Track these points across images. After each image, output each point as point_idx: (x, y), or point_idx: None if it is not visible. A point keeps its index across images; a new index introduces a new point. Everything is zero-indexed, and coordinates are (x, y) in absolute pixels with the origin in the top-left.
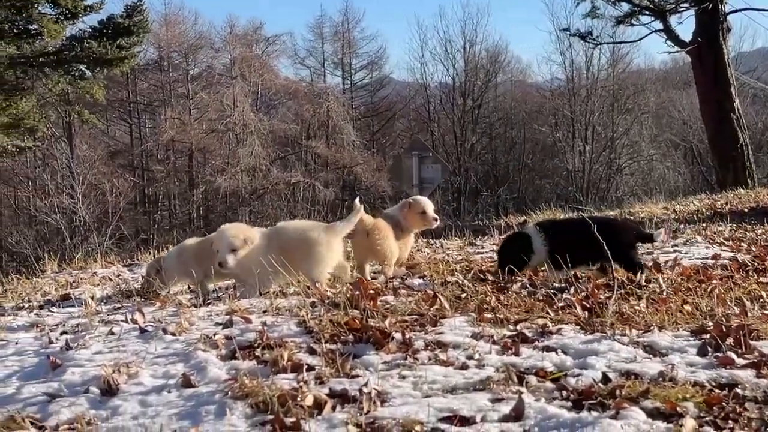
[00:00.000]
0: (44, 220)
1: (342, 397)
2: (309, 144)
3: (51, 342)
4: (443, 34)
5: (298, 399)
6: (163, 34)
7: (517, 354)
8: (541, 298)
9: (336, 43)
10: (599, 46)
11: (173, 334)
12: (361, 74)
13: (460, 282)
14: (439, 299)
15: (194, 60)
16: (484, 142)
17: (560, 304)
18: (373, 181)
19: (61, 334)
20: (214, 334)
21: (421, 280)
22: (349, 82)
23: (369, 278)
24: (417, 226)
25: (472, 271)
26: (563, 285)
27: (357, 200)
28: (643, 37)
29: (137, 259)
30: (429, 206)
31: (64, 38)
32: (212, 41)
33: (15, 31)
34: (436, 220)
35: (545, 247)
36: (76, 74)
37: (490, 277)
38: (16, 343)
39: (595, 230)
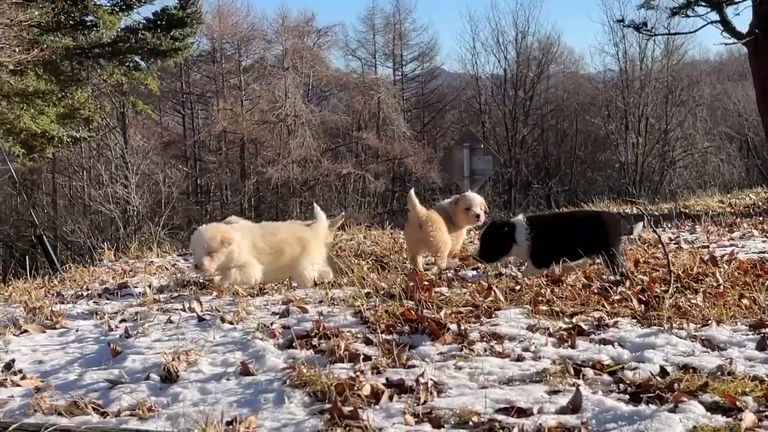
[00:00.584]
0: (98, 210)
1: (399, 387)
2: (360, 135)
3: (111, 329)
4: (495, 25)
5: (356, 388)
6: (216, 25)
7: (573, 346)
8: (596, 291)
9: (387, 35)
10: (653, 37)
11: (231, 323)
12: (412, 65)
13: (514, 274)
14: (494, 291)
15: (246, 51)
16: (536, 134)
17: (616, 297)
18: (424, 173)
19: (121, 321)
20: (271, 323)
21: (474, 272)
22: (399, 74)
23: (422, 270)
24: (462, 222)
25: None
26: (618, 278)
27: (412, 191)
28: (699, 29)
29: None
30: (475, 203)
31: (119, 29)
32: (264, 33)
33: (71, 22)
34: (479, 218)
35: (527, 242)
36: (131, 65)
37: (545, 270)
38: (77, 331)
39: (584, 225)
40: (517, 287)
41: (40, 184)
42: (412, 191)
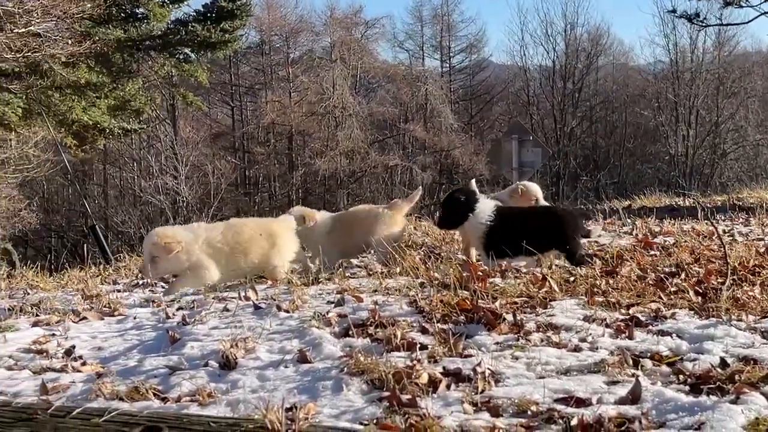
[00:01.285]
0: (148, 201)
1: (456, 376)
2: (407, 127)
3: (168, 317)
4: (544, 16)
5: (413, 377)
6: (264, 17)
7: (630, 337)
8: (651, 282)
9: (435, 26)
10: (705, 28)
11: (287, 311)
12: (460, 57)
13: (568, 265)
14: (548, 282)
15: (295, 43)
16: (584, 126)
17: (672, 289)
18: (471, 164)
19: (177, 309)
20: (327, 312)
21: (525, 263)
22: (447, 65)
23: (474, 261)
24: None
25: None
26: (674, 269)
27: (473, 182)
28: (753, 19)
29: None
30: (540, 194)
31: (170, 22)
32: (312, 25)
33: (122, 14)
34: None
35: (483, 225)
36: (181, 57)
37: (598, 262)
38: (135, 318)
39: (543, 220)
40: (571, 278)
41: (91, 175)
42: (473, 182)
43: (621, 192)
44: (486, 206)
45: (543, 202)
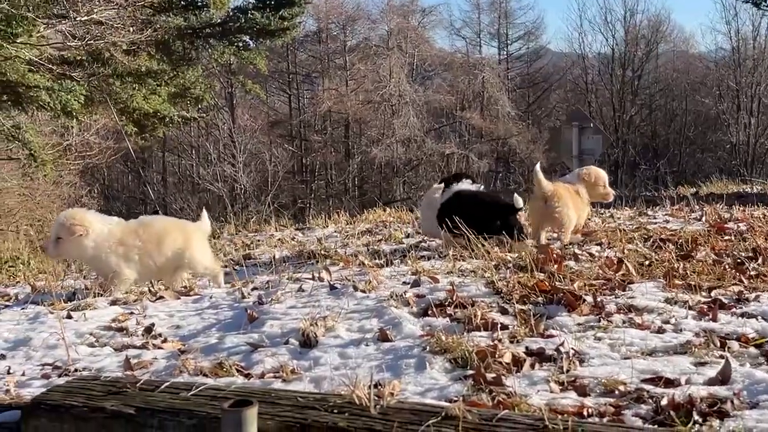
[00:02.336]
0: (207, 188)
1: (539, 356)
2: (463, 115)
3: (243, 297)
4: (603, 3)
5: (496, 356)
6: (322, 5)
7: (714, 320)
8: (729, 266)
9: (492, 14)
10: None
11: (363, 291)
12: (518, 45)
13: (640, 249)
14: (625, 264)
15: (352, 31)
16: (644, 114)
17: (752, 273)
18: (528, 153)
19: (252, 290)
20: (404, 293)
21: (598, 248)
22: (504, 53)
23: (543, 242)
24: (593, 197)
25: (651, 239)
26: (750, 254)
27: (537, 166)
28: None
29: (308, 223)
30: (606, 179)
31: (229, 9)
32: (369, 13)
33: (183, 2)
34: (610, 194)
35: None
36: (240, 45)
37: (671, 246)
38: (211, 298)
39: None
40: (646, 262)
41: (150, 162)
42: (538, 166)
43: (680, 181)
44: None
45: (609, 188)
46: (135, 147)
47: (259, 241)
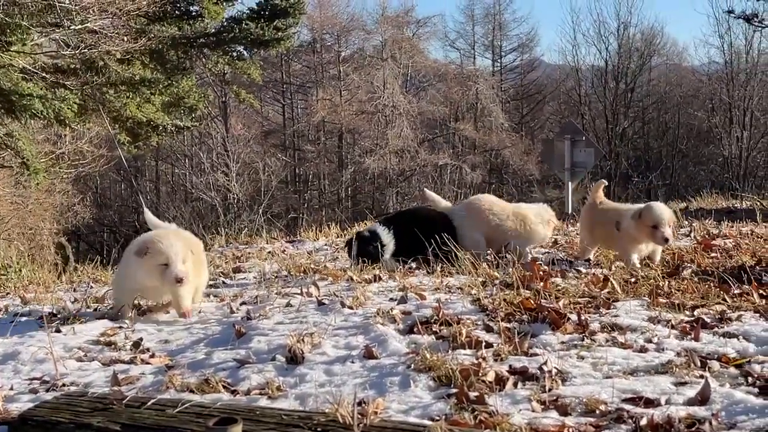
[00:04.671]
0: (200, 197)
1: (522, 374)
2: (457, 126)
3: (232, 312)
4: (597, 16)
5: (480, 374)
6: (316, 16)
7: (696, 339)
8: (715, 284)
9: (487, 25)
10: (763, 29)
11: (350, 308)
12: (511, 56)
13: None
14: (611, 282)
15: (346, 42)
16: (636, 127)
17: (736, 291)
18: (521, 164)
19: (241, 304)
20: (391, 309)
21: (586, 263)
22: (498, 65)
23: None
24: (643, 238)
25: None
26: (736, 272)
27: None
28: None
29: (299, 236)
30: (663, 221)
31: (224, 19)
32: (364, 23)
33: (177, 12)
34: (667, 241)
35: (393, 239)
36: (235, 55)
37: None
38: (200, 312)
39: (421, 222)
40: (632, 279)
41: (143, 171)
42: (602, 181)
43: (673, 194)
44: (381, 228)
45: (668, 233)
46: (128, 156)
47: (249, 253)
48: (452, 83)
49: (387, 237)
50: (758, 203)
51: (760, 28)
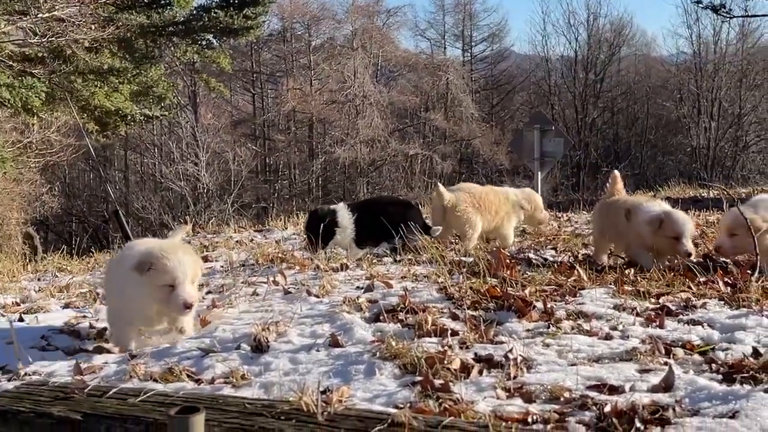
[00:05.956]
0: (169, 187)
1: (488, 362)
2: (427, 116)
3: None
4: (566, 6)
5: (445, 362)
6: (286, 4)
7: (661, 326)
8: (681, 272)
9: (457, 15)
10: (730, 19)
11: (317, 296)
12: (482, 47)
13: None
14: (577, 270)
15: (316, 31)
16: (606, 117)
17: (702, 279)
18: (491, 154)
19: (207, 293)
20: (357, 297)
21: (553, 252)
22: (469, 55)
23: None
24: (662, 249)
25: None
26: (701, 260)
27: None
28: None
29: (268, 225)
30: (686, 232)
31: (193, 8)
32: (334, 12)
33: (145, 0)
34: (689, 256)
35: (352, 225)
36: (204, 43)
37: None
38: None
39: (390, 211)
40: (599, 267)
41: (112, 160)
42: (616, 173)
43: (642, 184)
44: (342, 209)
45: (690, 248)
46: (96, 145)
47: (217, 243)
48: (422, 73)
49: (347, 220)
50: (725, 193)
51: (727, 19)
